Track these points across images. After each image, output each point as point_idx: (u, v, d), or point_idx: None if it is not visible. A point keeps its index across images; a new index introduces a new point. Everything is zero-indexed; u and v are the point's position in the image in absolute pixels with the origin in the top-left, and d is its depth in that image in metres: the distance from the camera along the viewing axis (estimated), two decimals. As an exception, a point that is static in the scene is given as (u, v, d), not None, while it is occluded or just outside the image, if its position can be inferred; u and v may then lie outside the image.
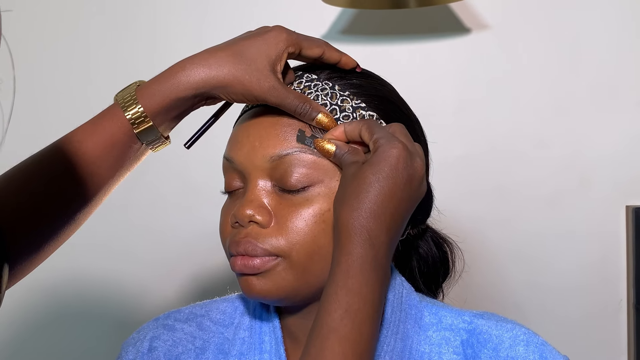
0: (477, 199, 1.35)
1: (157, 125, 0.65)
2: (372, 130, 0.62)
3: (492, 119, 1.34)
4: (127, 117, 0.63)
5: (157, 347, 0.72)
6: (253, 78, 0.62)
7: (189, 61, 0.64)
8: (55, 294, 1.34)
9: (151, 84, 0.64)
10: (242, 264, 0.63)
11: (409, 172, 0.60)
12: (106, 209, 1.33)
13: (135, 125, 0.64)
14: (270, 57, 0.63)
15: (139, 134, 0.64)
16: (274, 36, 0.64)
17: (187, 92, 0.63)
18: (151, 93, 0.63)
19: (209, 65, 0.63)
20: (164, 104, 0.64)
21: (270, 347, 0.70)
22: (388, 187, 0.58)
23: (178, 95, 0.63)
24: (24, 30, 1.35)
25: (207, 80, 0.63)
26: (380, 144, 0.60)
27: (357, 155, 0.62)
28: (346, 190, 0.59)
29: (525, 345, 0.68)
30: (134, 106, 0.63)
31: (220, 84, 0.63)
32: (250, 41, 0.64)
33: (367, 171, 0.59)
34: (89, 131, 0.65)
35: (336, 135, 0.64)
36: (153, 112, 0.64)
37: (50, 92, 1.35)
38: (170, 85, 0.63)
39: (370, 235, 0.57)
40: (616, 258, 1.34)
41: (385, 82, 0.72)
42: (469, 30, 1.34)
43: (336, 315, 0.55)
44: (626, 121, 1.34)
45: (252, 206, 0.64)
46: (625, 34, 1.33)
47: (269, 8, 1.34)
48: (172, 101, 0.64)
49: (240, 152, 0.66)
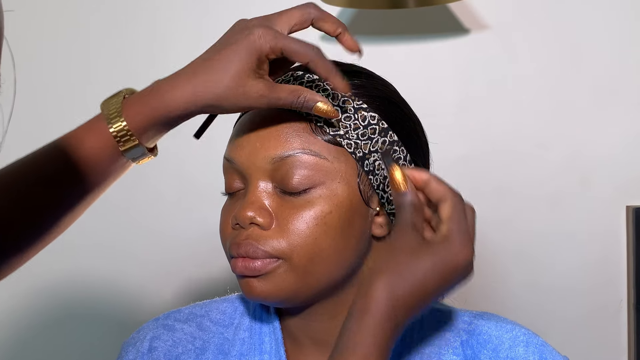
0: (478, 199, 1.33)
1: (142, 141, 0.64)
2: (453, 214, 0.58)
3: (492, 119, 1.34)
4: (111, 132, 0.62)
5: (157, 347, 0.72)
6: (239, 92, 0.61)
7: (175, 80, 0.62)
8: (55, 294, 1.34)
9: (137, 101, 0.63)
10: (243, 266, 0.63)
11: (463, 278, 0.58)
12: (106, 210, 1.33)
13: (121, 142, 0.63)
14: (251, 67, 0.61)
15: (124, 151, 0.64)
16: (253, 43, 0.61)
17: (174, 112, 0.62)
18: (136, 111, 0.62)
19: (195, 84, 0.61)
20: (149, 123, 0.62)
21: (270, 348, 0.70)
22: (435, 284, 0.56)
23: (163, 114, 0.62)
24: (24, 30, 1.35)
25: (195, 98, 0.61)
26: (454, 238, 0.57)
27: (419, 216, 0.59)
28: (393, 261, 0.56)
29: (525, 345, 0.68)
30: (119, 122, 0.62)
31: (208, 104, 0.62)
32: (229, 53, 0.61)
33: (427, 257, 0.56)
34: (81, 138, 0.64)
35: (417, 177, 0.60)
36: (138, 131, 0.63)
37: (50, 92, 1.35)
38: (155, 104, 0.62)
39: (397, 322, 0.55)
40: (616, 258, 1.34)
41: (387, 82, 0.71)
42: (469, 30, 1.34)
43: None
44: (627, 121, 1.33)
45: (253, 208, 0.63)
46: (625, 35, 1.33)
47: (267, 8, 1.33)
48: (157, 119, 0.63)
49: (241, 152, 0.66)
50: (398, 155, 0.67)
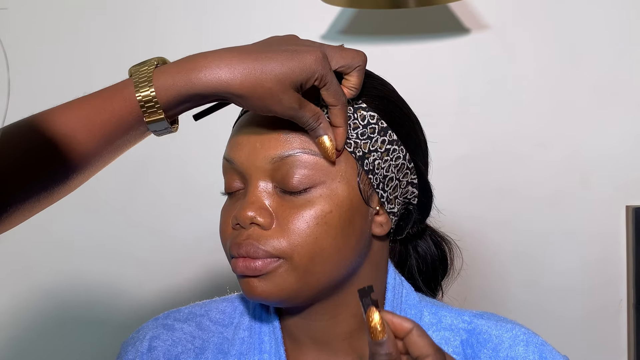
0: (478, 199, 1.35)
1: (169, 117, 0.62)
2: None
3: (492, 119, 1.34)
4: (137, 97, 0.59)
5: (156, 347, 0.72)
6: (275, 97, 0.59)
7: (213, 60, 0.60)
8: (55, 294, 1.34)
9: (168, 73, 0.60)
10: (244, 266, 0.63)
11: None
12: (106, 210, 1.34)
13: (147, 113, 0.60)
14: (298, 81, 0.60)
15: (148, 122, 0.61)
16: (311, 62, 0.60)
17: (204, 92, 0.60)
18: (167, 84, 0.59)
19: (234, 70, 0.59)
20: (178, 98, 0.60)
21: (270, 348, 0.70)
22: None
23: (193, 92, 0.60)
24: (24, 31, 1.35)
25: (228, 86, 0.59)
26: None
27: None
28: None
29: (525, 345, 0.68)
30: (147, 88, 0.59)
31: (237, 93, 0.60)
32: (284, 57, 0.60)
33: None
34: (99, 105, 0.61)
35: (397, 326, 0.53)
36: (166, 105, 0.60)
37: (51, 93, 1.34)
38: (187, 80, 0.59)
39: None
40: (616, 258, 1.34)
41: (386, 82, 0.72)
42: (469, 30, 1.34)
43: None
44: (626, 122, 1.34)
45: (254, 208, 0.63)
46: (625, 35, 1.33)
47: (268, 8, 1.34)
48: (187, 96, 0.60)
49: (240, 153, 0.66)
50: (398, 155, 0.67)
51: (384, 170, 0.66)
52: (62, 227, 1.35)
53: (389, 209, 0.68)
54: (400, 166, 0.68)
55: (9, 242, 1.35)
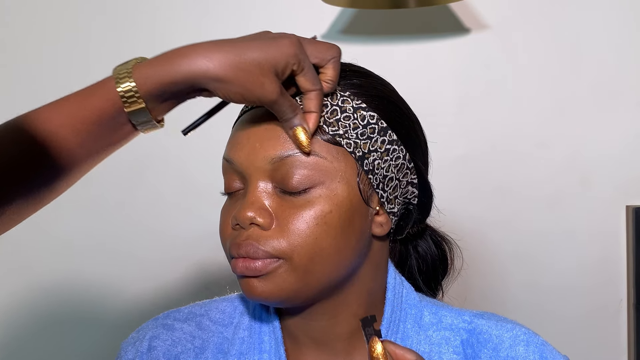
0: (478, 199, 1.35)
1: (150, 108, 0.62)
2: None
3: (492, 119, 1.34)
4: (118, 90, 0.61)
5: (156, 347, 0.72)
6: (256, 79, 0.60)
7: (193, 50, 0.61)
8: (55, 293, 1.34)
9: (149, 65, 0.62)
10: (244, 267, 0.63)
11: None
12: (106, 210, 1.34)
13: (127, 103, 0.61)
14: (277, 65, 0.61)
15: (130, 113, 0.62)
16: (287, 45, 0.61)
17: (184, 82, 0.61)
18: (147, 74, 0.61)
19: (211, 58, 0.60)
20: (158, 88, 0.61)
21: (270, 347, 0.70)
22: None
23: (173, 82, 0.61)
24: (25, 32, 1.35)
25: (207, 73, 0.60)
26: None
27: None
28: None
29: (526, 345, 0.68)
30: (128, 81, 0.61)
31: (218, 79, 0.60)
32: (261, 43, 0.61)
33: None
34: (78, 103, 0.63)
35: (398, 356, 0.55)
36: (146, 94, 0.61)
37: (50, 93, 1.34)
38: (167, 70, 0.61)
39: None
40: (616, 258, 1.34)
41: (386, 82, 0.72)
42: (469, 30, 1.34)
43: None
44: (627, 121, 1.34)
45: (253, 208, 0.63)
46: (625, 34, 1.33)
47: (268, 8, 1.34)
48: (166, 85, 0.61)
49: (240, 153, 0.66)
50: (397, 155, 0.67)
51: (384, 170, 0.66)
52: (62, 226, 1.35)
53: (389, 209, 0.68)
54: (400, 166, 0.68)
55: (8, 241, 1.35)
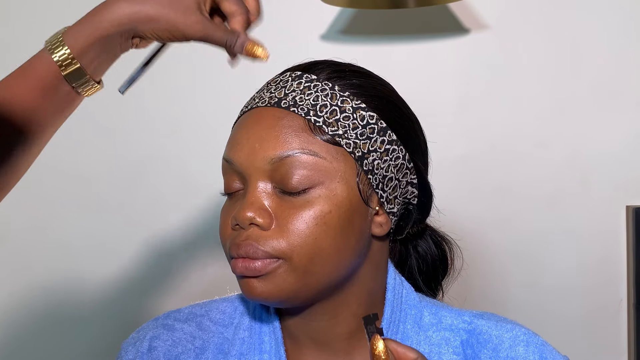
0: (477, 198, 1.35)
1: (85, 66, 0.64)
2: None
3: (492, 118, 1.34)
4: (54, 59, 0.63)
5: (156, 347, 0.72)
6: (178, 12, 0.63)
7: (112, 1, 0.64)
8: (54, 294, 1.34)
9: (76, 25, 0.65)
10: (244, 267, 0.63)
11: None
12: (106, 210, 1.34)
13: (63, 67, 0.63)
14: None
15: (66, 76, 0.64)
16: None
17: (111, 30, 0.63)
18: (76, 35, 0.64)
19: (133, 2, 0.63)
20: (88, 43, 0.63)
21: (270, 348, 0.70)
22: None
23: (102, 34, 0.63)
24: (24, 32, 1.35)
25: (130, 15, 0.63)
26: None
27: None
28: None
29: (525, 345, 0.68)
30: (60, 48, 0.63)
31: (143, 19, 0.63)
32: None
33: None
34: (20, 76, 0.64)
35: (402, 356, 0.54)
36: (79, 53, 0.63)
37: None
38: (94, 24, 0.64)
39: None
40: (616, 258, 1.34)
41: (385, 82, 0.72)
42: (468, 30, 1.34)
43: None
44: (626, 121, 1.34)
45: (253, 208, 0.63)
46: (625, 34, 1.33)
47: (267, 7, 1.34)
48: (96, 39, 0.64)
49: (240, 153, 0.66)
50: (397, 155, 0.67)
51: (384, 170, 0.66)
52: (62, 226, 1.35)
53: (389, 209, 0.68)
54: (399, 166, 0.68)
55: (9, 241, 1.35)
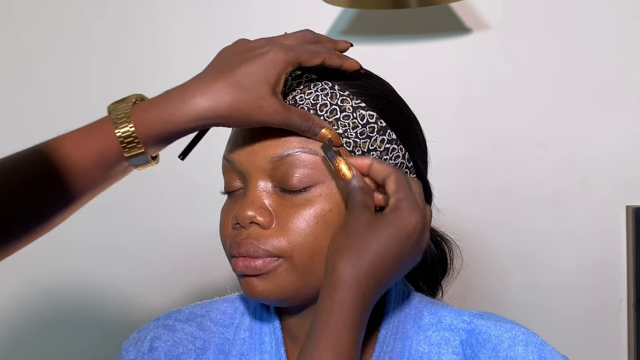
0: (477, 198, 1.35)
1: (149, 152, 0.63)
2: (399, 185, 0.61)
3: (492, 118, 1.34)
4: (117, 134, 0.61)
5: (157, 347, 0.72)
6: (254, 106, 0.61)
7: (188, 92, 0.61)
8: (56, 294, 1.34)
9: (148, 109, 0.61)
10: (244, 265, 0.63)
11: (418, 243, 0.61)
12: (106, 210, 1.34)
13: (127, 149, 0.61)
14: (270, 82, 0.61)
15: (128, 158, 0.62)
16: (271, 59, 0.62)
17: (185, 126, 0.61)
18: (146, 119, 0.61)
19: (208, 97, 0.60)
20: (157, 133, 0.61)
21: (270, 348, 0.70)
22: (395, 253, 0.59)
23: (173, 129, 0.61)
24: (25, 33, 1.35)
25: (206, 113, 0.60)
26: (403, 206, 0.60)
27: (369, 197, 0.62)
28: (352, 239, 0.59)
29: (525, 345, 0.68)
30: (126, 125, 0.61)
31: (220, 116, 0.61)
32: (248, 67, 0.61)
33: (382, 229, 0.59)
34: (78, 142, 0.63)
35: (359, 164, 0.63)
36: (145, 139, 0.61)
37: (51, 94, 1.35)
38: (167, 116, 0.61)
39: (365, 296, 0.58)
40: (616, 258, 1.34)
41: (385, 81, 0.72)
42: (470, 30, 1.34)
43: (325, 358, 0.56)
44: (626, 121, 1.34)
45: (253, 207, 0.64)
46: (625, 34, 1.33)
47: (269, 8, 1.35)
48: (167, 132, 0.61)
49: (240, 152, 0.66)
50: (397, 154, 0.67)
51: None
52: (62, 227, 1.34)
53: (389, 208, 0.68)
54: (399, 165, 0.68)
55: (10, 241, 1.35)
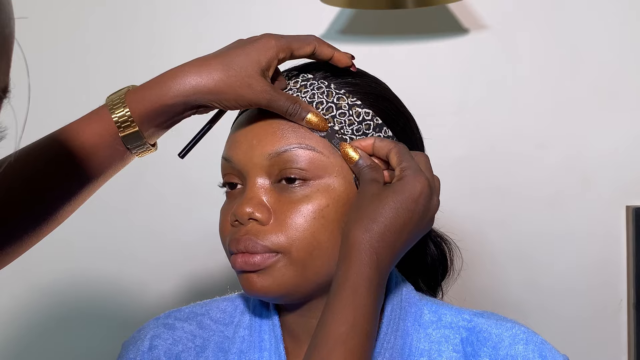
0: (477, 199, 1.35)
1: (143, 130, 0.65)
2: (400, 157, 0.64)
3: (492, 119, 1.34)
4: (113, 119, 0.64)
5: (157, 346, 0.72)
6: (244, 83, 0.63)
7: (180, 69, 0.64)
8: (56, 294, 1.34)
9: (141, 89, 0.65)
10: (243, 261, 0.64)
11: (426, 208, 0.63)
12: (107, 210, 1.34)
13: (121, 128, 0.64)
14: (261, 64, 0.64)
15: (123, 137, 0.65)
16: (263, 44, 0.65)
17: (177, 100, 0.64)
18: (139, 98, 0.64)
19: (200, 73, 0.64)
20: (151, 110, 0.64)
21: (269, 345, 0.70)
22: (404, 218, 0.61)
23: (166, 102, 0.64)
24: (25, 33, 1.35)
25: (197, 88, 0.63)
26: (407, 174, 0.63)
27: (377, 172, 0.65)
28: (363, 209, 0.61)
29: (525, 343, 0.68)
30: (122, 109, 0.64)
31: (211, 92, 0.64)
32: (240, 49, 0.65)
33: (389, 197, 0.61)
34: (78, 128, 0.66)
35: (364, 145, 0.66)
36: (140, 117, 0.64)
37: (51, 94, 1.35)
38: (159, 92, 0.64)
39: (379, 258, 0.60)
40: (616, 258, 1.34)
41: (379, 80, 0.73)
42: (468, 30, 1.34)
43: (343, 329, 0.57)
44: (627, 122, 1.34)
45: (252, 204, 0.64)
46: (625, 35, 1.33)
47: (267, 8, 1.35)
48: (160, 107, 0.64)
49: (238, 151, 0.66)
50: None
51: None
52: (63, 227, 1.34)
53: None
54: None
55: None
